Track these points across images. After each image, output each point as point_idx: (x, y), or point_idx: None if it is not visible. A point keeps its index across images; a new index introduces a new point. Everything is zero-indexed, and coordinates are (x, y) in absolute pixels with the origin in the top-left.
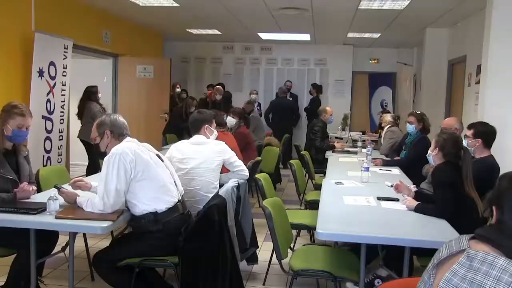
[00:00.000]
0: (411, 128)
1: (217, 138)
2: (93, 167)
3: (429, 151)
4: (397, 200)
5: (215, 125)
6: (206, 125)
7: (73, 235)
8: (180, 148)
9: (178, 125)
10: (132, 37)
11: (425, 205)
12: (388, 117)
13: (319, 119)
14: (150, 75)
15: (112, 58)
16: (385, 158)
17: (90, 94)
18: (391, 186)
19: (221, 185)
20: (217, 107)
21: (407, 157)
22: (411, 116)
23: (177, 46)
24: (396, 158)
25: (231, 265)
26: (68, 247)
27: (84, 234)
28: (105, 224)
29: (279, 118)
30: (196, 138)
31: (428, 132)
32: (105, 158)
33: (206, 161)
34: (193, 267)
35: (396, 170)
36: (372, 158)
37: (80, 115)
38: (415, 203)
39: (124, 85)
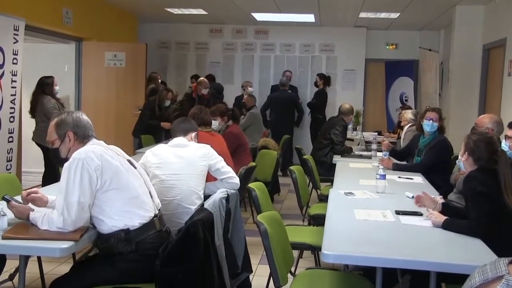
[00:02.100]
0: (432, 126)
1: (203, 141)
2: (51, 176)
3: (459, 157)
4: (420, 214)
5: (196, 133)
6: (193, 134)
7: (24, 259)
8: (157, 152)
9: (147, 123)
10: (100, 17)
11: (455, 220)
12: (408, 114)
13: (340, 118)
14: (121, 64)
15: (74, 43)
16: (395, 161)
17: (44, 86)
18: (413, 197)
19: (207, 196)
20: (205, 104)
21: (424, 162)
22: (431, 112)
23: (154, 28)
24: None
25: None
26: (17, 274)
27: (39, 258)
28: (65, 245)
29: (278, 115)
30: (176, 140)
31: (445, 132)
32: (65, 165)
33: (187, 165)
34: None
35: (419, 178)
36: (380, 159)
37: (33, 112)
38: (442, 218)
39: (89, 75)
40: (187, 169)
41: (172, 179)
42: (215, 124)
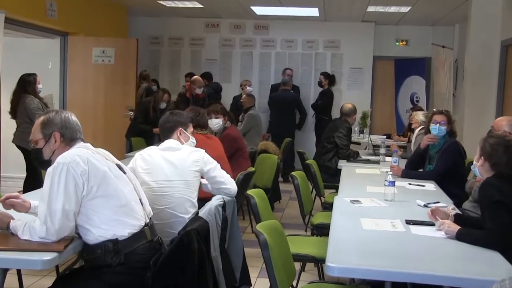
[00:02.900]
0: (440, 130)
1: (199, 145)
2: (33, 181)
3: (474, 162)
4: (432, 224)
5: (191, 129)
6: (180, 129)
7: (2, 273)
8: (146, 156)
9: (139, 127)
10: (87, 10)
11: (470, 230)
12: (420, 116)
13: (343, 120)
14: (110, 60)
15: (59, 38)
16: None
17: (25, 84)
18: (424, 206)
19: (201, 201)
20: (200, 104)
21: (436, 169)
22: (439, 114)
23: (145, 23)
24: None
25: None
26: None
27: (19, 271)
28: (48, 256)
29: (278, 117)
30: (167, 143)
31: (456, 136)
32: (49, 169)
33: (179, 171)
34: None
35: (431, 185)
36: (391, 166)
37: (13, 112)
38: (456, 227)
39: (75, 73)
40: (179, 175)
41: (163, 186)
42: (218, 123)
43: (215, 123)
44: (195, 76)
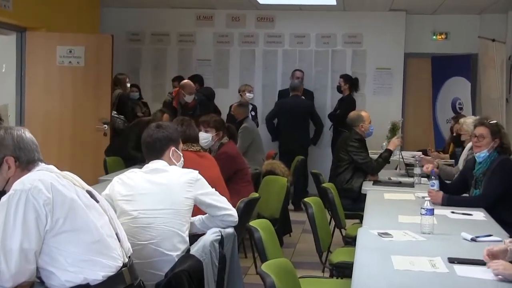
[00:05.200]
0: (480, 156)
1: (188, 165)
2: None
3: None
4: (483, 263)
5: (182, 146)
6: (173, 148)
7: None
8: (126, 180)
9: (130, 153)
10: (50, 0)
11: None
12: (470, 125)
13: (352, 132)
14: (79, 62)
15: (15, 34)
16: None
17: None
18: (472, 240)
19: (193, 237)
20: (190, 115)
21: (486, 193)
22: (480, 126)
23: (122, 15)
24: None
25: None
26: None
27: None
28: None
29: (288, 129)
30: (153, 164)
31: (510, 153)
32: (3, 198)
33: (167, 198)
34: None
35: (479, 214)
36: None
37: None
38: None
39: (35, 77)
40: (166, 202)
41: (147, 216)
42: (207, 138)
43: (203, 137)
44: (185, 81)
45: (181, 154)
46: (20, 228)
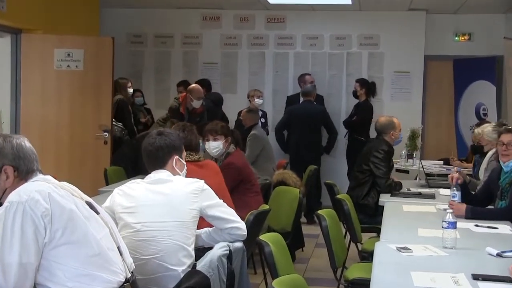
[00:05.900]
0: (508, 166)
1: (189, 174)
2: None
3: None
4: (509, 280)
5: (184, 154)
6: (176, 157)
7: None
8: (128, 191)
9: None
10: (46, 0)
11: None
12: (491, 133)
13: (380, 139)
14: (78, 66)
15: (10, 36)
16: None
17: None
18: (498, 255)
19: (199, 251)
20: (197, 121)
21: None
22: (506, 133)
23: (123, 16)
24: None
25: None
26: None
27: None
28: None
29: (300, 137)
30: (156, 174)
31: None
32: None
33: (172, 209)
34: None
35: (506, 227)
36: (450, 202)
37: None
38: None
39: (31, 82)
40: (170, 214)
41: (150, 228)
42: (218, 146)
43: (214, 146)
44: (193, 85)
45: (185, 163)
46: (18, 241)
